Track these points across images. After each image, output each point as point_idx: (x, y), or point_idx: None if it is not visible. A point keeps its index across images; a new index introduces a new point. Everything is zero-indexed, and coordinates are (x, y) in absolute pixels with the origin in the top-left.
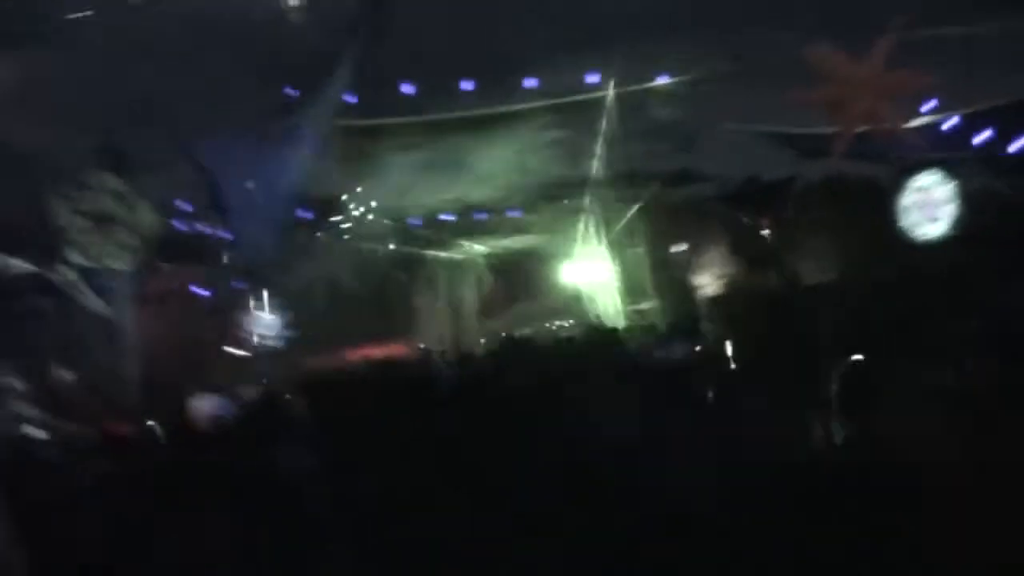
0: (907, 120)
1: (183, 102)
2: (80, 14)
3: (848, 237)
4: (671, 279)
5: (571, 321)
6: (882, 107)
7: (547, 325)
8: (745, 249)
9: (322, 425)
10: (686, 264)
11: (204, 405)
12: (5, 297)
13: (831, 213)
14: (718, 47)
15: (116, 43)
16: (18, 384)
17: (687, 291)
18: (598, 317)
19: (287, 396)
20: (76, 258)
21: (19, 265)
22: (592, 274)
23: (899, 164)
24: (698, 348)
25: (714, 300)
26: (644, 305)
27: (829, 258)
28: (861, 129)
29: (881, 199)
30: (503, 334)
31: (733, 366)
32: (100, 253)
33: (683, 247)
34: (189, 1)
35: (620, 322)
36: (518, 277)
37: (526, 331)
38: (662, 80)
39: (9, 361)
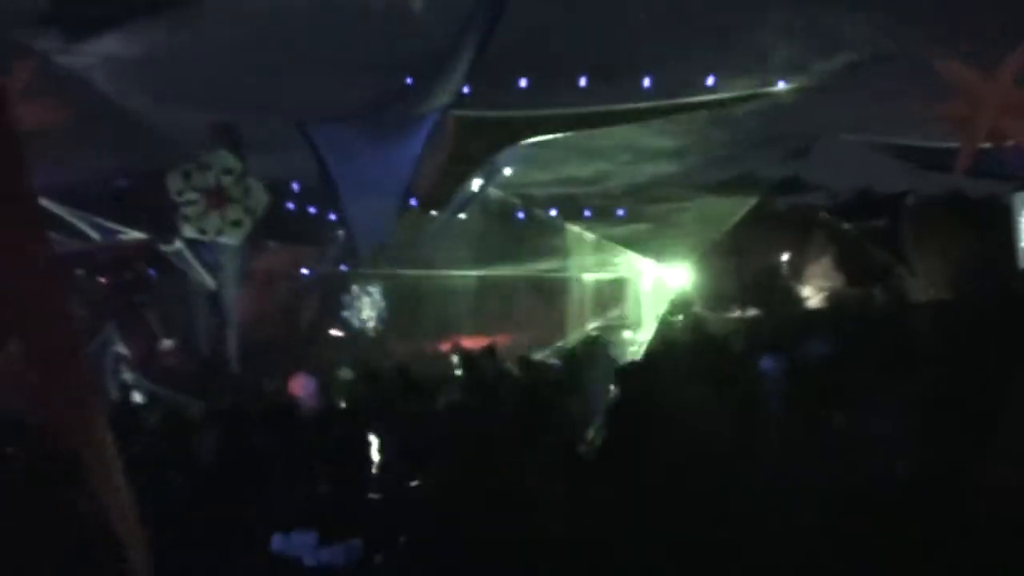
0: None
1: (301, 85)
2: None
3: (964, 255)
4: (776, 288)
5: (671, 325)
6: (1009, 124)
7: (644, 329)
8: (853, 262)
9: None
10: (792, 274)
11: (300, 385)
12: (117, 266)
13: (947, 230)
14: (840, 54)
15: (238, 24)
16: (126, 351)
17: (791, 302)
18: (699, 323)
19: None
20: (188, 232)
21: (133, 235)
22: (696, 279)
23: (1020, 183)
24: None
25: (818, 312)
26: (747, 313)
27: (942, 276)
28: (985, 145)
29: (1001, 218)
30: (599, 336)
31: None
32: (211, 228)
33: (790, 256)
34: None
35: (721, 330)
36: (621, 278)
37: (625, 334)
38: (780, 85)
39: (119, 330)
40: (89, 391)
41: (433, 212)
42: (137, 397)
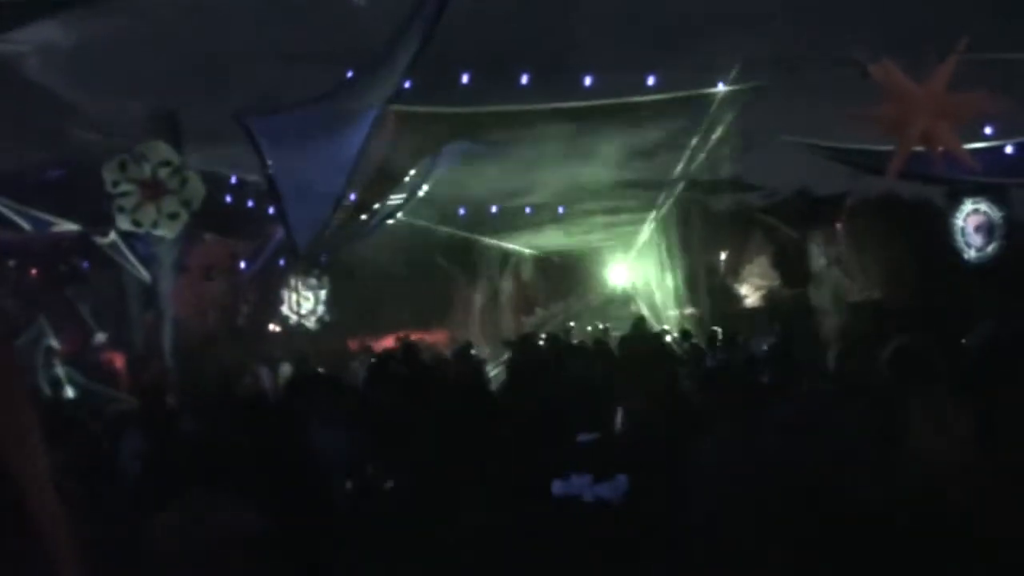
0: (964, 143)
1: (242, 75)
2: None
3: (897, 256)
4: (714, 287)
5: (612, 322)
6: (940, 128)
7: (589, 325)
8: (790, 262)
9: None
10: (730, 272)
11: (246, 378)
12: (50, 259)
13: (881, 231)
14: (778, 57)
15: (178, 12)
16: (58, 345)
17: (729, 299)
18: (639, 320)
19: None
20: (123, 224)
21: (66, 228)
22: (635, 277)
23: (953, 186)
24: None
25: (756, 310)
26: (686, 311)
27: (878, 276)
28: (917, 149)
29: (933, 220)
30: (545, 331)
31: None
32: (147, 221)
33: (727, 255)
34: None
35: (660, 326)
36: (562, 275)
37: (567, 329)
38: (720, 87)
39: (51, 323)
40: (15, 385)
41: (371, 208)
42: (69, 392)
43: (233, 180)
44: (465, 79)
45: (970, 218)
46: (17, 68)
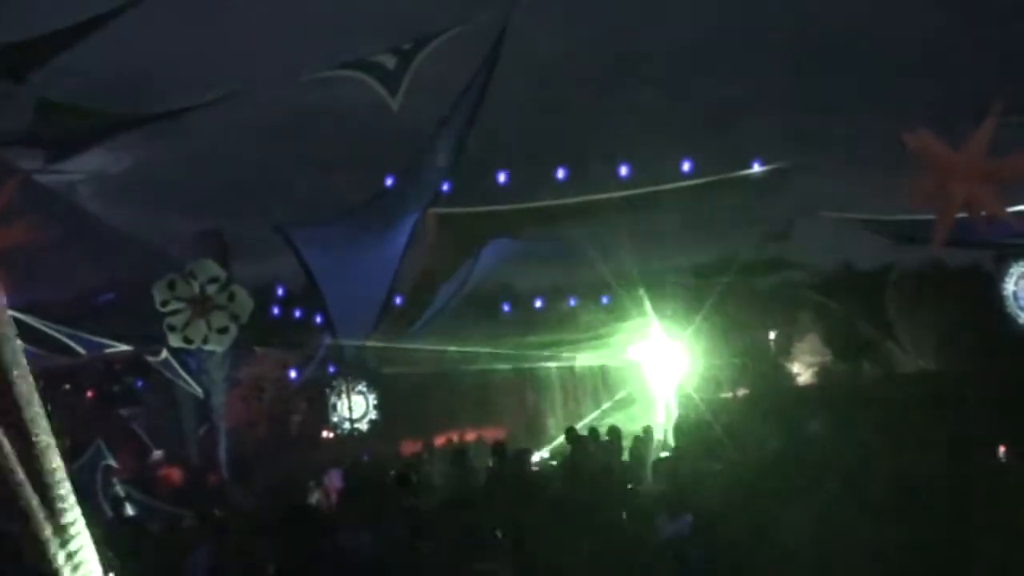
0: (1008, 206)
1: (284, 189)
2: (184, 106)
3: (947, 325)
4: (765, 367)
5: (661, 413)
6: (982, 193)
7: (636, 417)
8: (841, 337)
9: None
10: (780, 352)
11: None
12: (105, 379)
13: (932, 300)
14: (812, 134)
15: (220, 133)
16: (116, 465)
17: (780, 380)
18: (689, 408)
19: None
20: (174, 341)
21: (119, 348)
22: (683, 363)
23: (1000, 251)
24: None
25: (808, 389)
26: (738, 394)
27: (930, 346)
28: (960, 215)
29: (982, 286)
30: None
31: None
32: (197, 337)
33: (777, 335)
34: (290, 94)
35: (711, 414)
36: (607, 367)
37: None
38: (755, 167)
39: (108, 443)
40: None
41: (417, 308)
42: (129, 510)
43: (280, 292)
44: (502, 178)
45: (1021, 282)
46: (68, 197)
